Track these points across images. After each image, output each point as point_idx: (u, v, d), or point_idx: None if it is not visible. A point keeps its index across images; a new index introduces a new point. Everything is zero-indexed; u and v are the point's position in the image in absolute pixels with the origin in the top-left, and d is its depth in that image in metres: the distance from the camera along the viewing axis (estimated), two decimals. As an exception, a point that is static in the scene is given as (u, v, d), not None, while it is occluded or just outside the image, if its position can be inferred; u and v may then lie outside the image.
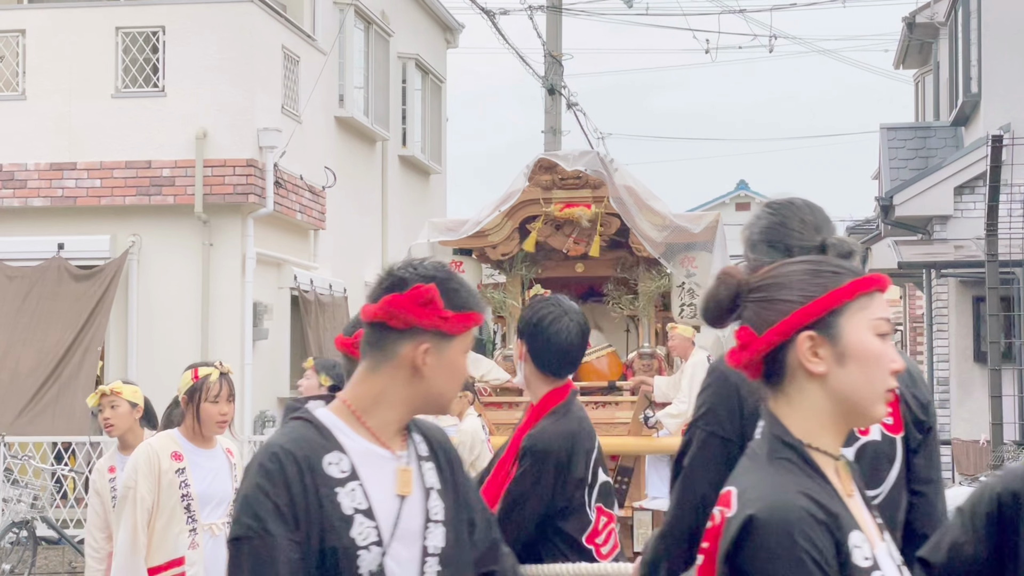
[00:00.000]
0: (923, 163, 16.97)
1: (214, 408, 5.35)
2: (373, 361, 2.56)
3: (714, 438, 3.18)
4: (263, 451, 2.47)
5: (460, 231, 10.66)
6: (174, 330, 13.42)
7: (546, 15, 20.42)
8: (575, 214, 10.43)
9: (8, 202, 13.79)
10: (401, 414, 2.56)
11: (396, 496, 2.51)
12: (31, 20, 14.25)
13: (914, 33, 20.50)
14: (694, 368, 10.17)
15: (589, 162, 10.49)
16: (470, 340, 2.60)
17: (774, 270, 2.21)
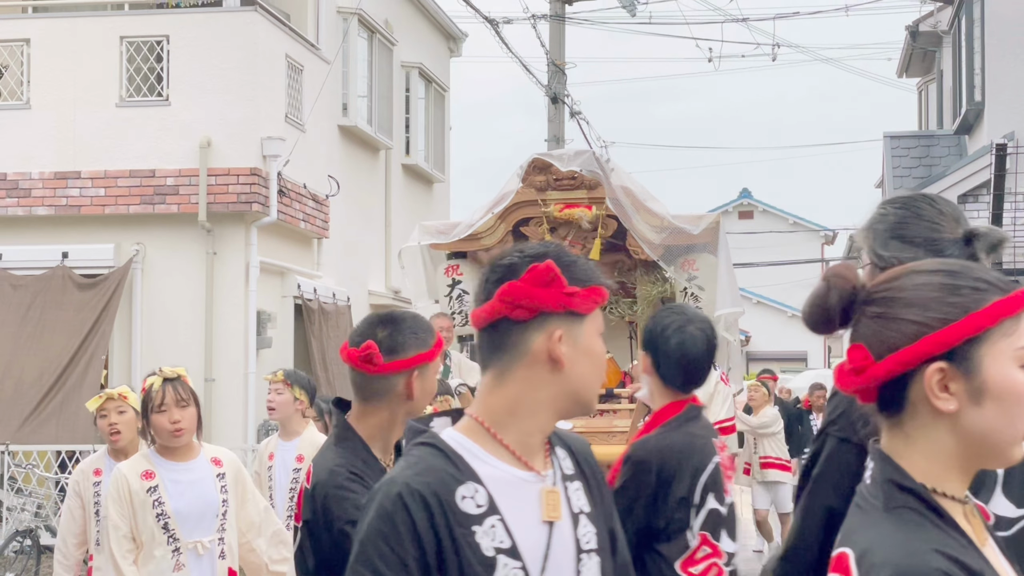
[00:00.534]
0: (927, 171, 16.97)
1: (162, 418, 5.00)
2: (500, 366, 2.23)
3: (847, 445, 2.85)
4: (385, 488, 2.15)
5: (452, 234, 10.40)
6: (178, 339, 13.43)
7: (549, 24, 20.44)
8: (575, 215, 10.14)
9: (12, 211, 13.80)
10: (543, 422, 2.24)
11: (542, 524, 2.18)
12: (36, 29, 14.27)
13: (917, 42, 20.52)
14: None
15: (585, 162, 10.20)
16: (601, 320, 2.29)
17: (900, 279, 1.84)
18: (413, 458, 2.19)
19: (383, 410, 3.28)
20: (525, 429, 2.21)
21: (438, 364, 3.34)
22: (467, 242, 10.34)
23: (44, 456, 12.42)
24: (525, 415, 2.21)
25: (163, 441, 5.04)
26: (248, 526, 5.27)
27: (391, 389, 3.26)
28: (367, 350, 3.23)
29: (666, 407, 3.79)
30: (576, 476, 2.29)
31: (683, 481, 3.67)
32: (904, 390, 1.79)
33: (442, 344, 3.37)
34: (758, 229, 39.44)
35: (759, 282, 38.57)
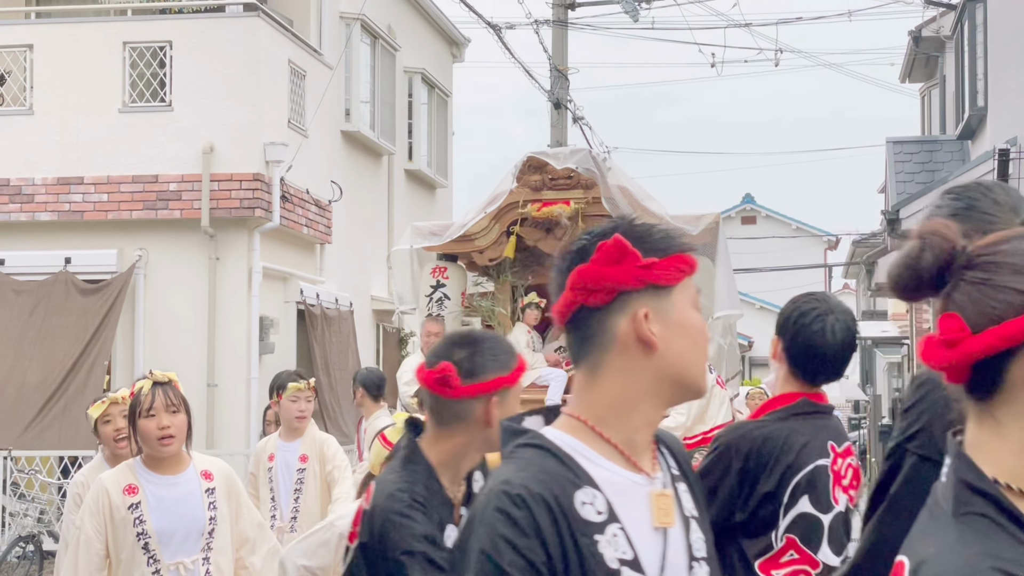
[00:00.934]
0: (929, 176, 16.97)
1: (150, 423, 4.67)
2: (590, 360, 2.03)
3: (927, 464, 2.63)
4: (497, 491, 1.93)
5: (444, 235, 10.14)
6: (180, 344, 13.43)
7: (552, 29, 20.45)
8: (553, 212, 9.82)
9: (15, 216, 13.81)
10: (648, 414, 2.04)
11: (655, 530, 1.98)
12: (38, 35, 14.29)
13: (920, 47, 20.52)
14: None
15: (580, 160, 9.93)
16: (694, 291, 2.08)
17: (1010, 241, 1.57)
18: (523, 460, 1.97)
19: (458, 436, 3.10)
20: (631, 425, 2.01)
21: (520, 389, 3.16)
22: (460, 243, 10.06)
23: (47, 462, 12.42)
24: (628, 409, 2.01)
25: (150, 449, 4.72)
26: (242, 542, 5.00)
27: (468, 414, 3.07)
28: (443, 372, 3.05)
29: (779, 396, 3.49)
30: (681, 477, 2.11)
31: (772, 476, 3.37)
32: (1003, 370, 1.52)
33: (524, 368, 3.17)
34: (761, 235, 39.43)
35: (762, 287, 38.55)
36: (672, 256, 2.05)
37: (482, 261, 10.20)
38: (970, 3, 16.56)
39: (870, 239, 26.42)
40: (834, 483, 3.42)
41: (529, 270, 10.38)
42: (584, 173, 9.78)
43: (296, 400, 7.37)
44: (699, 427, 9.45)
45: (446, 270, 10.39)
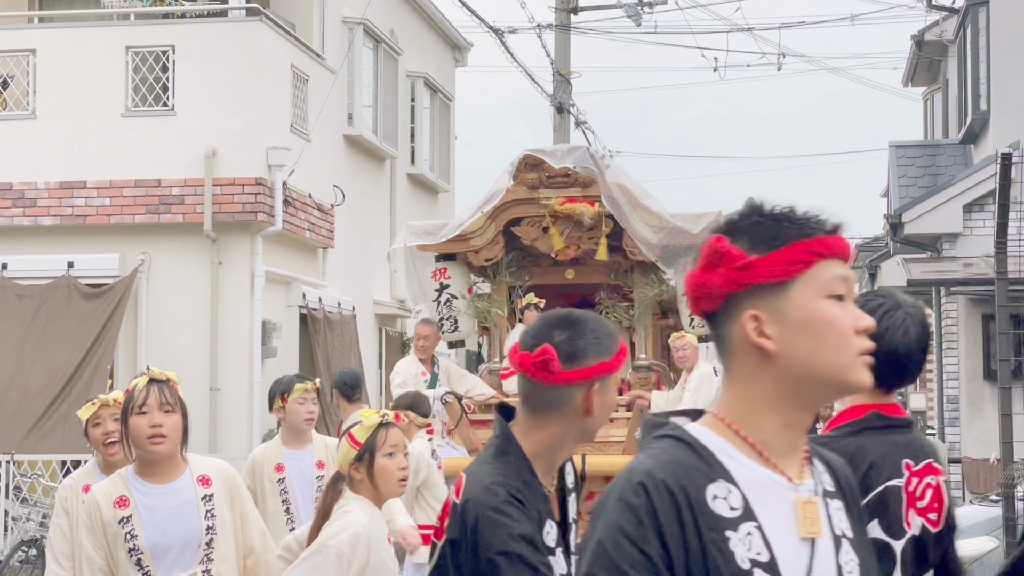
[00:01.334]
0: (932, 181, 16.97)
1: (141, 420, 4.35)
2: (724, 363, 1.94)
3: None
4: (623, 479, 1.86)
5: (440, 234, 9.95)
6: (183, 348, 13.43)
7: (554, 33, 20.46)
8: (576, 210, 9.60)
9: (18, 221, 13.82)
10: (787, 416, 1.89)
11: (801, 540, 1.85)
12: (41, 39, 14.30)
13: (923, 51, 20.52)
14: (699, 380, 9.46)
15: (579, 158, 9.76)
16: (829, 277, 1.87)
17: None
18: (656, 450, 1.88)
19: (554, 425, 2.84)
20: (767, 427, 1.88)
21: (619, 376, 3.00)
22: (456, 243, 9.84)
23: (49, 466, 12.42)
24: (759, 412, 1.89)
25: (140, 450, 4.39)
26: (249, 550, 4.64)
27: (567, 402, 2.83)
28: (543, 355, 2.80)
29: (846, 410, 3.10)
30: (837, 495, 1.95)
31: None
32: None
33: (626, 352, 2.94)
34: (764, 238, 39.38)
35: (765, 291, 38.54)
36: (786, 247, 1.86)
37: (478, 261, 10.01)
38: (973, 7, 16.56)
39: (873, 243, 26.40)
40: (908, 505, 3.05)
41: (526, 270, 10.17)
42: (582, 171, 9.62)
43: (303, 402, 7.00)
44: None
45: (446, 270, 10.26)
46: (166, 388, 4.47)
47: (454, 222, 10.06)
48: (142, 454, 4.41)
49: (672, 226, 9.46)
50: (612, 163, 9.99)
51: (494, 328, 10.25)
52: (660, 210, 9.60)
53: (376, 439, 4.36)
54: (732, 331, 1.89)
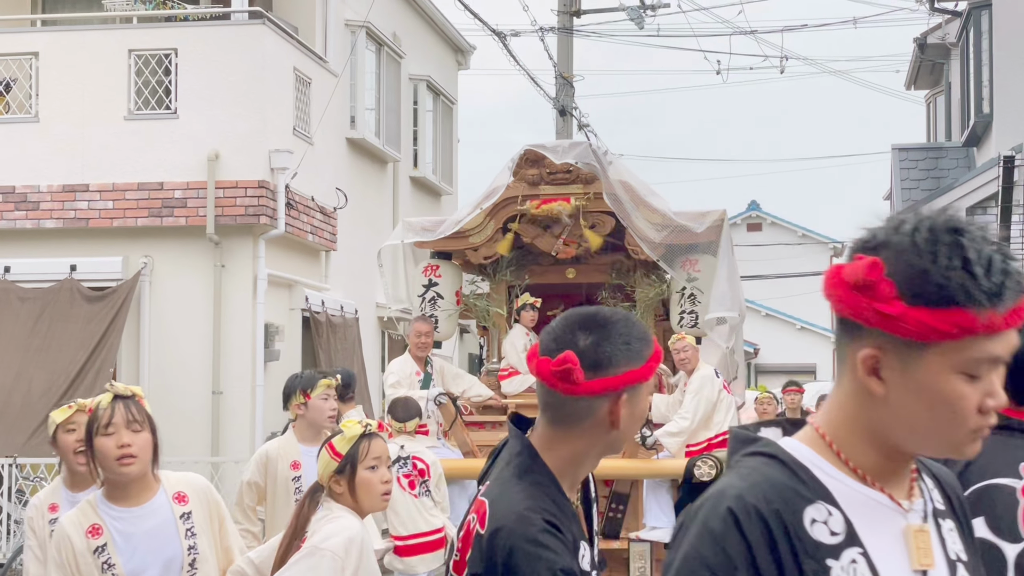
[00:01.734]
0: (935, 184, 16.96)
1: (108, 441, 4.03)
2: (838, 368, 1.75)
3: None
4: (710, 503, 1.68)
5: (438, 231, 9.70)
6: (186, 351, 13.43)
7: (557, 36, 20.46)
8: (553, 210, 9.37)
9: (21, 224, 13.83)
10: (881, 451, 1.72)
11: (913, 572, 1.68)
12: (44, 43, 14.30)
13: (925, 54, 20.51)
14: (700, 383, 9.19)
15: (580, 154, 9.43)
16: (972, 359, 1.62)
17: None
18: (746, 469, 1.71)
19: (578, 439, 2.50)
20: (868, 455, 1.71)
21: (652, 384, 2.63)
22: (454, 240, 9.67)
23: (52, 469, 12.40)
24: (861, 439, 1.71)
25: (109, 472, 4.06)
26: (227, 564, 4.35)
27: (592, 413, 2.47)
28: (564, 364, 2.43)
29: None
30: (948, 514, 1.78)
31: (997, 521, 2.75)
32: None
33: (660, 357, 2.60)
34: (766, 241, 39.41)
35: (767, 294, 38.49)
36: (944, 311, 1.60)
37: (476, 259, 9.84)
38: (975, 10, 16.56)
39: (876, 246, 26.37)
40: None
41: (526, 269, 10.01)
42: (584, 167, 9.38)
43: (327, 398, 6.70)
44: (704, 433, 9.12)
45: (438, 268, 10.06)
46: (132, 404, 4.11)
47: (452, 218, 9.81)
48: (111, 476, 4.08)
49: (676, 224, 9.24)
50: (615, 159, 9.71)
51: (493, 328, 10.14)
52: (664, 208, 9.39)
53: (358, 450, 4.17)
54: (852, 352, 1.68)
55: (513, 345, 9.84)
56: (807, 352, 41.05)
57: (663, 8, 20.81)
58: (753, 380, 37.54)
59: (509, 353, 9.90)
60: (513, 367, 9.88)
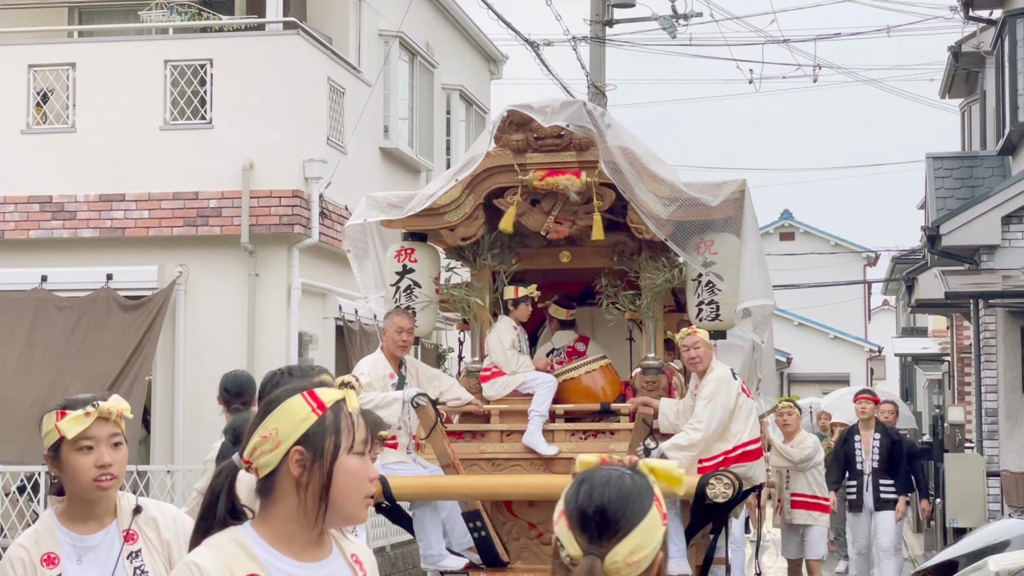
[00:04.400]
0: (970, 192, 16.88)
1: (86, 459, 3.41)
2: None
3: None
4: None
5: (407, 207, 8.28)
6: (220, 360, 13.48)
7: (589, 46, 20.47)
8: (559, 184, 7.92)
9: (58, 233, 13.93)
10: None
11: None
12: (81, 53, 14.42)
13: (960, 62, 20.42)
14: (716, 386, 7.85)
15: (573, 115, 7.97)
16: None
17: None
18: None
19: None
20: None
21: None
22: (426, 218, 8.27)
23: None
24: None
25: (80, 490, 3.46)
26: None
27: None
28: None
29: None
30: None
31: None
32: None
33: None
34: (799, 251, 39.29)
35: (801, 304, 38.37)
36: None
37: (453, 240, 8.40)
38: (1010, 18, 16.47)
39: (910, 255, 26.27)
40: None
41: (513, 252, 8.56)
42: (577, 131, 7.97)
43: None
44: (719, 445, 7.86)
45: (413, 252, 8.65)
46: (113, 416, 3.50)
47: (423, 192, 8.35)
48: (82, 494, 3.47)
49: (686, 197, 7.80)
50: (613, 121, 8.18)
51: (474, 322, 8.62)
52: (672, 178, 7.95)
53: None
54: None
55: (499, 340, 8.40)
56: (840, 361, 40.90)
57: (696, 18, 20.79)
58: (786, 389, 37.40)
59: (494, 350, 8.43)
60: (497, 367, 8.44)
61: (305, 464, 2.46)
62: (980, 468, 13.93)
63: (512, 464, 8.31)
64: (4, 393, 13.01)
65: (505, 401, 8.42)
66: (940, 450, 18.07)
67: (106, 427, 3.44)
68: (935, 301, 17.37)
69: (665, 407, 8.00)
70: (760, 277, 7.91)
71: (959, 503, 13.69)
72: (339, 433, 2.49)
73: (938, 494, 15.47)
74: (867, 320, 44.96)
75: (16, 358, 13.19)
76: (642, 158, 7.93)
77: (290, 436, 2.47)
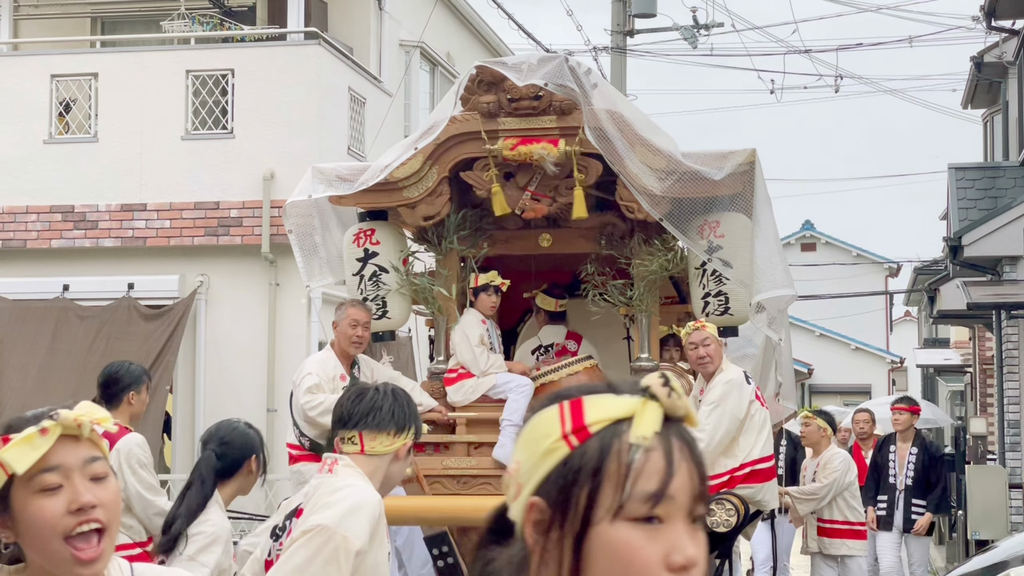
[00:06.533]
0: (992, 203, 16.80)
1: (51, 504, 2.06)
2: None
3: None
4: None
5: (358, 181, 7.06)
6: (241, 369, 13.52)
7: (610, 56, 20.47)
8: (533, 153, 6.74)
9: (80, 242, 13.99)
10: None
11: None
12: (103, 64, 14.49)
13: (982, 72, 20.35)
14: (724, 389, 6.80)
15: (552, 73, 6.76)
16: None
17: None
18: None
19: None
20: None
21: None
22: (382, 193, 7.09)
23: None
24: None
25: (47, 557, 2.09)
26: None
27: None
28: None
29: None
30: None
31: None
32: None
33: None
34: (821, 261, 39.17)
35: (822, 315, 38.25)
36: None
37: (414, 220, 7.17)
38: (1033, 28, 16.41)
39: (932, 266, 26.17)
40: None
41: (484, 234, 7.38)
42: (558, 91, 6.77)
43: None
44: (726, 461, 6.83)
45: (373, 233, 7.39)
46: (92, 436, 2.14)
47: (378, 163, 7.13)
48: (47, 562, 2.10)
49: (686, 170, 6.59)
50: (602, 82, 7.16)
51: (439, 315, 7.48)
52: (670, 148, 6.72)
53: None
54: None
55: (465, 337, 7.27)
56: (862, 373, 40.76)
57: (716, 28, 20.78)
58: (807, 401, 37.29)
59: (459, 347, 7.29)
60: (464, 368, 7.32)
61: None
62: (1002, 480, 13.85)
63: (481, 482, 7.05)
64: (25, 402, 13.04)
65: (473, 408, 7.32)
66: (962, 462, 17.99)
67: (78, 449, 2.11)
68: (957, 312, 17.28)
69: None
70: (777, 263, 6.79)
71: (981, 515, 13.62)
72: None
73: (960, 506, 15.38)
74: (889, 331, 44.80)
75: (38, 367, 13.24)
76: (634, 124, 6.70)
77: None
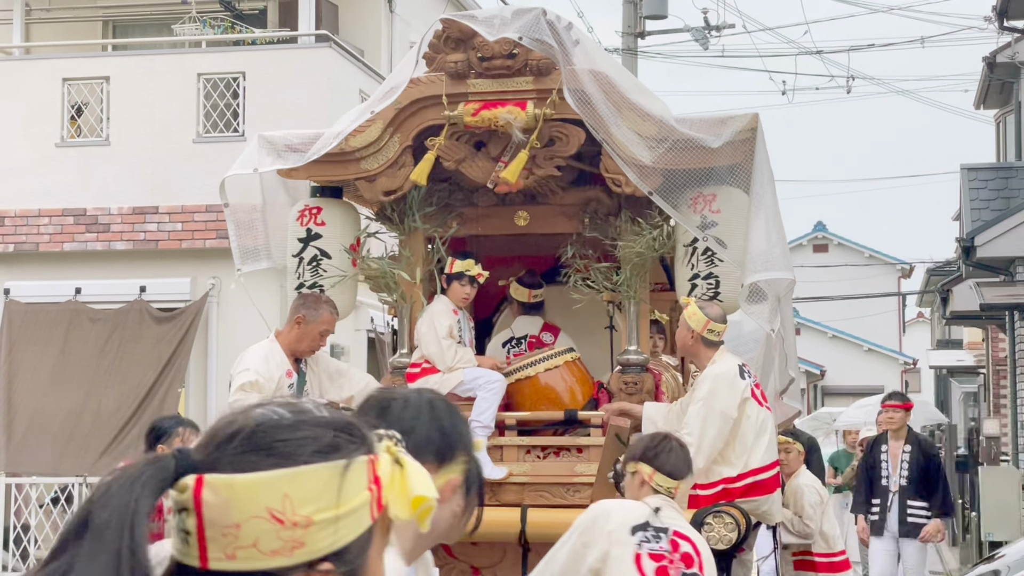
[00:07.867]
0: (1005, 204, 16.76)
1: None
2: None
3: None
4: None
5: (309, 151, 6.39)
6: (253, 372, 13.51)
7: (621, 58, 20.45)
8: (498, 118, 5.91)
9: (92, 245, 14.01)
10: None
11: None
12: (115, 67, 14.51)
13: (995, 73, 20.30)
14: (712, 385, 5.79)
15: (528, 26, 5.86)
16: None
17: None
18: None
19: None
20: None
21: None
22: (337, 165, 6.33)
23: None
24: None
25: None
26: None
27: None
28: None
29: None
30: None
31: None
32: None
33: None
34: (833, 263, 39.10)
35: (834, 316, 38.19)
36: None
37: (373, 195, 6.30)
38: (1045, 28, 16.37)
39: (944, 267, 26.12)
40: None
41: (453, 212, 6.49)
42: (535, 48, 5.88)
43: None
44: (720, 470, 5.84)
45: (319, 212, 6.70)
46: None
47: (332, 130, 6.35)
48: None
49: (679, 137, 5.80)
50: (585, 38, 6.25)
51: (402, 302, 6.55)
52: (661, 112, 5.93)
53: None
54: None
55: (432, 327, 6.37)
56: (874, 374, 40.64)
57: (728, 29, 20.76)
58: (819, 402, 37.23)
59: (425, 338, 6.39)
60: (429, 361, 6.42)
61: None
62: (1016, 481, 13.81)
63: None
64: (38, 405, 13.09)
65: None
66: (975, 463, 17.94)
67: None
68: (970, 313, 17.24)
69: (652, 412, 5.90)
70: (777, 243, 6.00)
71: (994, 516, 13.58)
72: None
73: (973, 507, 15.34)
74: (901, 332, 44.71)
75: (50, 370, 13.27)
76: (620, 86, 5.90)
77: None
